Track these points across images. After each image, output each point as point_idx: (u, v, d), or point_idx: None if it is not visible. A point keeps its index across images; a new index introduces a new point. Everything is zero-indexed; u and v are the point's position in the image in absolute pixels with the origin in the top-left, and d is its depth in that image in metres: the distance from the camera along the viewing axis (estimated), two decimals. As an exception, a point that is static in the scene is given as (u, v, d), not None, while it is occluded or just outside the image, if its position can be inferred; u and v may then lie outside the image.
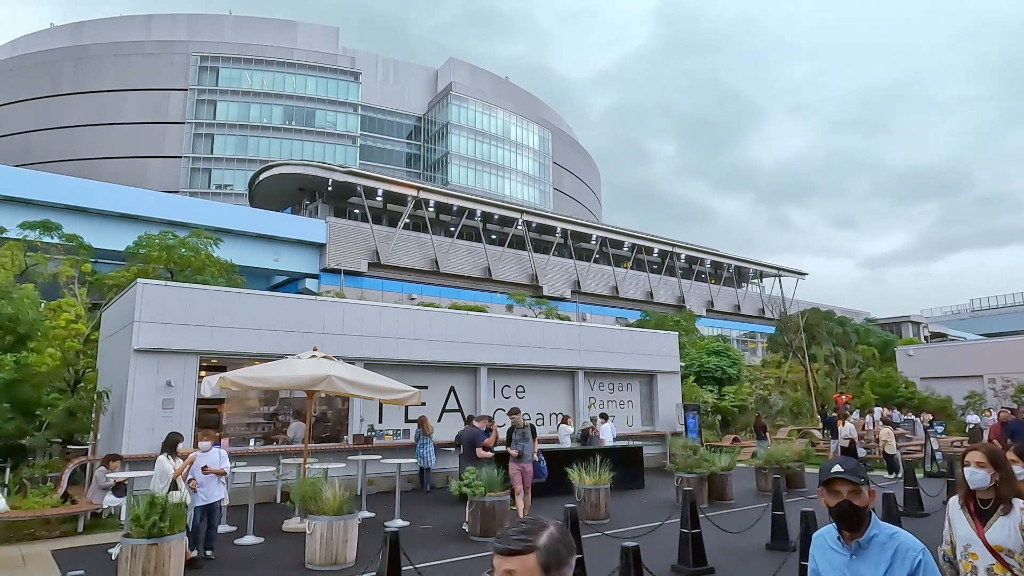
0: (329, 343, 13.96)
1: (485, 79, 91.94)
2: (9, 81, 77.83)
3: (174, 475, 8.90)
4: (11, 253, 23.60)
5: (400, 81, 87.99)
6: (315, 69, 79.48)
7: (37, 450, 16.46)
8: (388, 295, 49.89)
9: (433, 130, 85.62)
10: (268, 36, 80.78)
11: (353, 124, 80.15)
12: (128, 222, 41.15)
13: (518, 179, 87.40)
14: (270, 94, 77.53)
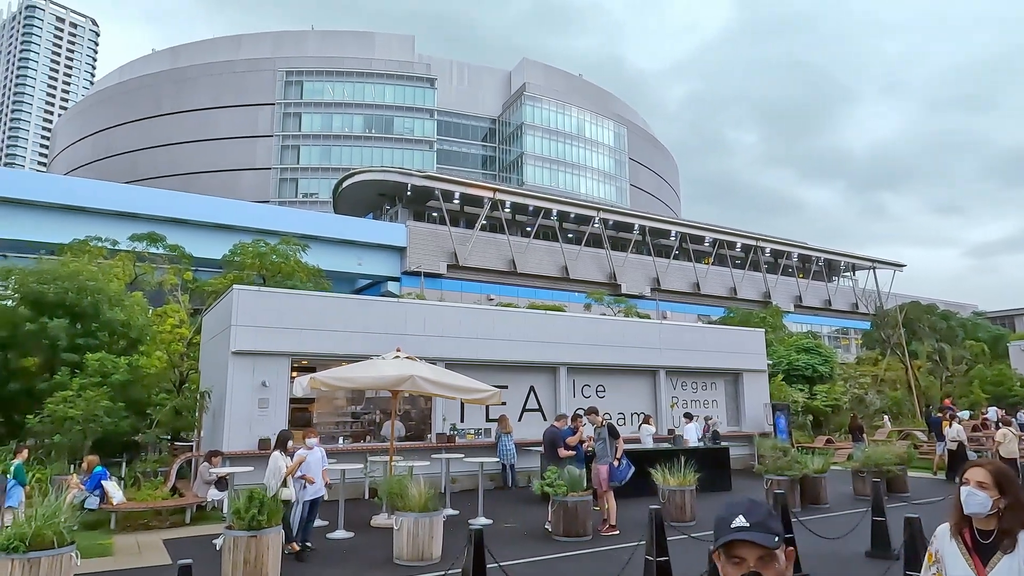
0: (411, 344, 14.29)
1: (558, 78, 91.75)
2: (118, 105, 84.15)
3: (287, 473, 9.22)
4: (123, 264, 25.49)
5: (474, 84, 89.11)
6: (392, 77, 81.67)
7: (148, 446, 17.73)
8: (467, 296, 50.59)
9: (508, 131, 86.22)
10: (348, 48, 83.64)
11: (430, 129, 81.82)
12: (224, 232, 43.59)
13: (594, 177, 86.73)
14: (350, 104, 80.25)
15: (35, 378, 17.94)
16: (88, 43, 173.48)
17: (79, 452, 14.75)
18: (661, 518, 7.56)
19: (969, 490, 2.70)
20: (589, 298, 47.98)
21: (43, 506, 6.98)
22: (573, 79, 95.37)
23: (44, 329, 17.72)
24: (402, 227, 54.16)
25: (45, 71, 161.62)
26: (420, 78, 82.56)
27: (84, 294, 18.93)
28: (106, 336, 19.01)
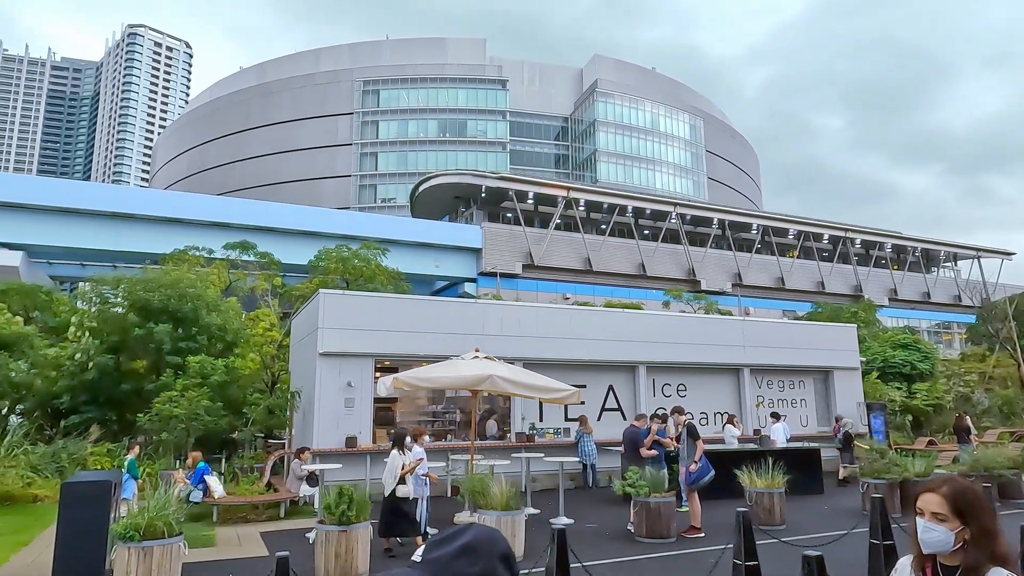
0: (489, 344, 14.44)
1: (630, 72, 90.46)
2: (210, 121, 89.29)
3: (405, 471, 9.36)
4: (218, 271, 27.03)
5: (546, 84, 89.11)
6: (465, 81, 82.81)
7: (244, 443, 18.72)
8: (542, 296, 50.65)
9: (580, 129, 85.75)
10: (421, 55, 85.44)
11: (503, 130, 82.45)
12: (309, 238, 45.43)
13: (669, 171, 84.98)
14: (425, 109, 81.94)
15: (144, 379, 19.30)
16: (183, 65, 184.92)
17: (183, 448, 15.76)
18: (749, 521, 7.33)
19: (924, 524, 2.19)
20: (667, 295, 47.06)
21: (154, 499, 7.51)
22: (646, 73, 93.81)
23: (151, 334, 19.02)
24: (477, 228, 54.82)
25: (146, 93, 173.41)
26: (492, 80, 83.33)
27: (185, 300, 20.19)
28: (205, 340, 20.21)
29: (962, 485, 2.23)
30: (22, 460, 13.97)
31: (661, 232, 59.26)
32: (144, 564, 6.98)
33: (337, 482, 10.61)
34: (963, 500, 2.16)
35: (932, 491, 2.22)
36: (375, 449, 14.40)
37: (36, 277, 42.01)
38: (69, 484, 7.61)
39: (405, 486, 9.29)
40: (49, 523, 10.72)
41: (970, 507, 2.15)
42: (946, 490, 2.19)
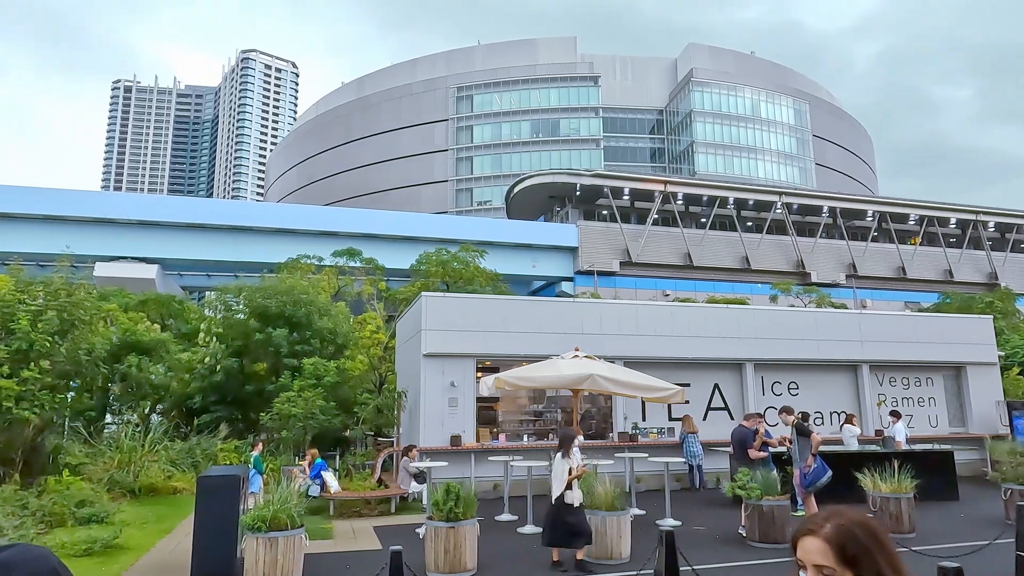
0: (588, 343, 14.34)
1: (728, 59, 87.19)
2: (316, 136, 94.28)
3: (572, 476, 8.69)
4: (327, 278, 28.48)
5: (639, 77, 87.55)
6: (556, 80, 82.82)
7: (356, 441, 19.60)
8: (641, 293, 49.81)
9: (676, 121, 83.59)
10: (512, 58, 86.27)
11: (596, 127, 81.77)
12: (410, 243, 47.01)
13: (773, 159, 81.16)
14: (517, 111, 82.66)
15: (264, 381, 20.63)
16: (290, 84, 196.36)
17: (301, 446, 16.71)
18: (874, 528, 6.84)
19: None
20: (775, 289, 44.95)
21: (277, 493, 8.00)
22: (744, 58, 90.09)
23: (269, 338, 20.32)
24: (573, 227, 54.66)
25: (258, 113, 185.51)
26: (583, 77, 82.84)
27: (299, 306, 21.42)
28: (318, 343, 21.34)
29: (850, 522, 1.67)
30: (163, 455, 15.30)
31: (766, 223, 56.71)
32: (270, 553, 7.46)
33: (443, 480, 10.89)
34: (850, 542, 1.62)
35: (812, 534, 1.68)
36: (479, 448, 14.67)
37: (169, 288, 45.96)
38: (203, 478, 8.25)
39: (572, 492, 8.50)
40: (187, 513, 11.68)
41: (861, 549, 1.62)
42: (829, 531, 1.65)
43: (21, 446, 13.24)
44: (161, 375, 19.84)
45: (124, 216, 46.85)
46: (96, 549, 8.96)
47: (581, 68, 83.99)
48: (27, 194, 45.61)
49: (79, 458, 14.20)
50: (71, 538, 9.16)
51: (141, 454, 14.61)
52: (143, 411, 19.80)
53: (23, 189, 46.37)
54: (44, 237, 42.27)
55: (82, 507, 10.83)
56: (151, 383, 19.40)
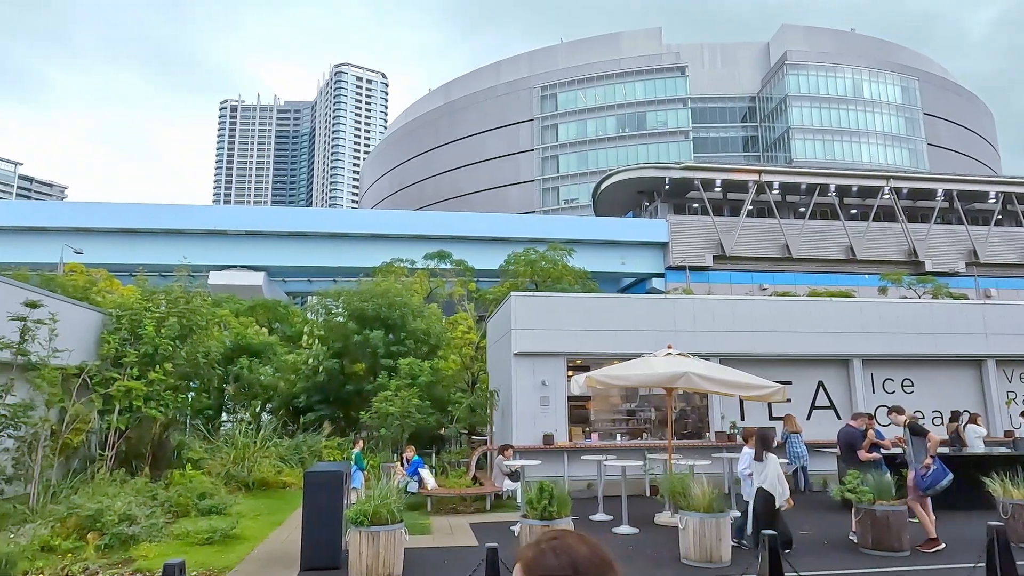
0: (682, 340, 14.00)
1: (824, 38, 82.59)
2: (405, 143, 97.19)
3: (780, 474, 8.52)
4: (420, 280, 29.27)
5: (728, 64, 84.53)
6: (641, 73, 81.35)
7: (451, 439, 20.04)
8: (736, 288, 48.09)
9: (769, 107, 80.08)
10: (596, 53, 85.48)
11: (684, 119, 79.69)
12: (498, 244, 47.54)
13: (877, 142, 76.19)
14: (603, 107, 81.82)
15: (363, 380, 21.45)
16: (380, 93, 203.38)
17: (399, 443, 17.26)
18: (1006, 538, 6.30)
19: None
20: (883, 280, 42.20)
21: (378, 489, 8.30)
22: (843, 36, 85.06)
23: (367, 339, 21.11)
24: (663, 222, 53.51)
25: (352, 124, 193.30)
26: (669, 68, 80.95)
27: (394, 308, 22.13)
28: (412, 343, 21.96)
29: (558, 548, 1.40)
30: (273, 452, 16.23)
31: (872, 210, 53.32)
32: (372, 547, 7.76)
33: (537, 478, 10.94)
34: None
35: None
36: (571, 447, 14.63)
37: (275, 293, 48.71)
38: (310, 473, 8.69)
39: (779, 496, 8.23)
40: (296, 506, 12.33)
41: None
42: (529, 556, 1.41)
43: (150, 442, 14.42)
44: (269, 376, 21.04)
45: (234, 227, 50.09)
46: (216, 538, 9.62)
47: (667, 59, 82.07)
48: (149, 211, 49.64)
49: (199, 453, 15.30)
50: (194, 527, 9.87)
51: (253, 450, 15.55)
52: (254, 410, 21.07)
53: (146, 206, 50.51)
54: (165, 249, 45.88)
55: (203, 499, 11.66)
56: (261, 383, 20.61)
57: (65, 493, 10.93)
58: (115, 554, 8.67)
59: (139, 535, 9.15)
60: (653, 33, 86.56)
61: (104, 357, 13.79)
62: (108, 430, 13.17)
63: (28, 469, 10.89)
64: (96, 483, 11.34)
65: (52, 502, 10.49)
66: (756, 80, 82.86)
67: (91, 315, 14.40)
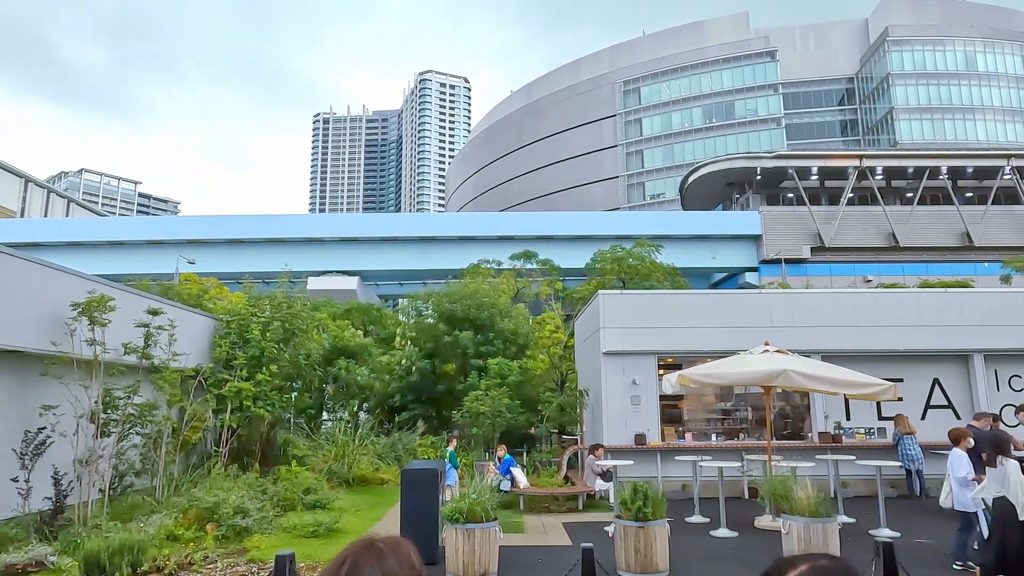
0: (779, 336, 13.41)
1: (931, 9, 76.83)
2: (489, 145, 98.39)
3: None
4: (507, 281, 29.54)
5: (822, 45, 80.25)
6: (728, 61, 78.64)
7: (541, 438, 20.10)
8: (837, 280, 45.60)
9: (869, 88, 75.40)
10: (679, 44, 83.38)
11: (775, 105, 76.37)
12: (583, 242, 47.27)
13: (994, 118, 70.17)
14: (688, 98, 79.70)
15: (454, 380, 21.89)
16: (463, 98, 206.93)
17: (490, 442, 17.48)
18: None
19: None
20: (1006, 268, 38.78)
21: (472, 487, 8.44)
22: (951, 6, 78.81)
23: (457, 340, 21.52)
24: (755, 214, 51.49)
25: (436, 129, 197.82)
26: (758, 54, 77.81)
27: (482, 309, 22.45)
28: (501, 343, 22.20)
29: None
30: (370, 449, 16.85)
31: (991, 192, 49.18)
32: (468, 544, 7.89)
33: (629, 478, 10.78)
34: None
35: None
36: (664, 447, 14.34)
37: (368, 297, 50.54)
38: (407, 471, 8.95)
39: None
40: (393, 502, 12.73)
41: None
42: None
43: (259, 439, 15.31)
44: (365, 376, 21.85)
45: (329, 235, 52.39)
46: (321, 532, 10.09)
47: (755, 44, 78.91)
48: (252, 222, 52.72)
49: (303, 450, 16.10)
50: (300, 521, 10.39)
51: (353, 448, 16.19)
52: (352, 409, 21.95)
53: (249, 218, 53.67)
54: (267, 257, 48.61)
55: (308, 494, 12.25)
56: (358, 384, 21.45)
57: (186, 486, 11.79)
58: (231, 544, 9.25)
59: (251, 527, 9.72)
60: (740, 19, 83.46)
61: (217, 360, 14.75)
62: (222, 428, 14.09)
63: (154, 464, 11.80)
64: (212, 478, 12.15)
65: (175, 495, 11.33)
66: (854, 60, 78.24)
67: (204, 321, 15.44)
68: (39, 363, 9.86)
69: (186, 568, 8.10)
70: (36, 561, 7.91)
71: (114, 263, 47.46)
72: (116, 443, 10.72)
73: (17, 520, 8.96)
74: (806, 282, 41.42)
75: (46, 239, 50.50)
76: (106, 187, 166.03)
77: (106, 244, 51.24)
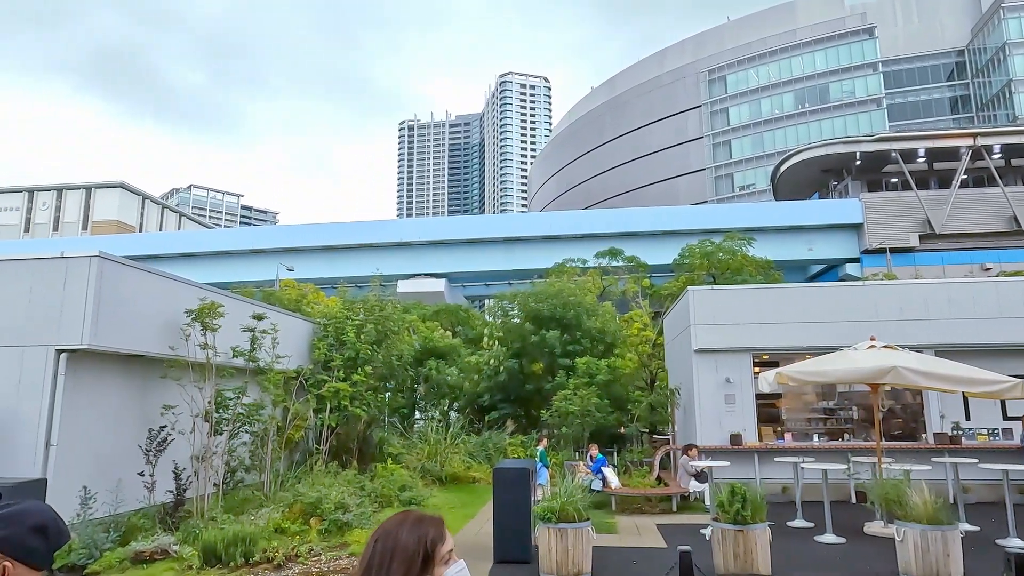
0: (886, 331, 12.59)
1: (1054, -30, 69.89)
2: (571, 143, 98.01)
3: None
4: (592, 279, 29.30)
5: (926, 17, 74.74)
6: (821, 42, 74.70)
7: (632, 438, 19.80)
8: (950, 269, 42.35)
9: (983, 60, 69.53)
10: (767, 27, 79.97)
11: (875, 85, 71.82)
12: (671, 237, 46.18)
13: None
14: (777, 84, 76.35)
15: (541, 380, 21.94)
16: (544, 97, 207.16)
17: (580, 441, 17.39)
18: None
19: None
20: None
21: (563, 486, 8.41)
22: (1079, -36, 71.41)
23: (543, 340, 21.56)
24: (855, 202, 48.64)
25: (518, 130, 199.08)
26: (855, 32, 73.43)
27: (568, 308, 22.38)
28: (588, 342, 22.05)
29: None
30: (461, 448, 17.16)
31: None
32: (561, 543, 7.87)
33: (725, 480, 10.43)
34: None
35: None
36: (762, 447, 13.80)
37: (455, 298, 51.49)
38: (499, 470, 9.03)
39: None
40: (485, 500, 12.90)
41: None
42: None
43: (356, 437, 15.90)
44: (455, 376, 22.27)
45: (417, 238, 53.80)
46: (417, 528, 10.34)
47: (851, 22, 74.51)
48: (345, 228, 54.90)
49: (398, 449, 16.60)
50: (397, 517, 10.70)
51: (444, 447, 16.54)
52: (443, 408, 22.43)
53: (341, 225, 55.91)
54: (359, 262, 50.46)
55: (403, 491, 12.61)
56: (448, 383, 21.89)
57: (290, 482, 12.41)
58: (333, 538, 9.65)
59: (352, 522, 10.10)
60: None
61: (316, 361, 15.45)
62: (322, 427, 14.74)
63: (261, 460, 12.50)
64: (314, 474, 12.74)
65: (281, 490, 11.96)
66: (963, 31, 72.37)
67: (303, 324, 16.21)
68: (159, 366, 10.66)
69: (293, 560, 8.52)
70: (161, 549, 8.55)
71: (221, 272, 50.69)
72: (227, 440, 11.42)
73: (144, 511, 9.72)
74: (915, 272, 38.75)
75: (161, 251, 54.60)
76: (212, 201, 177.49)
77: (213, 254, 54.80)
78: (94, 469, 9.46)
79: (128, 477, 9.72)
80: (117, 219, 79.72)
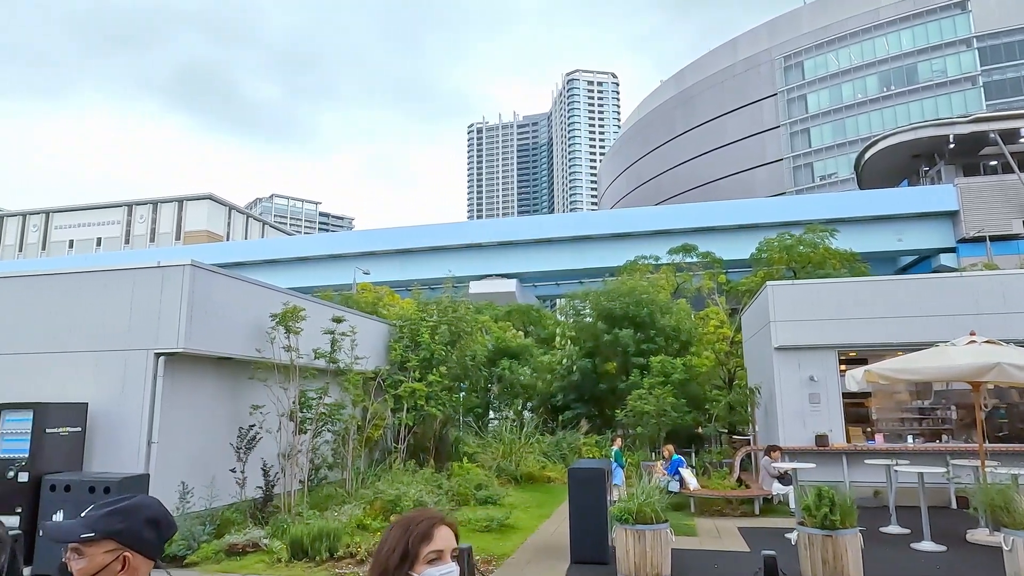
0: (988, 325, 11.76)
1: None
2: (640, 139, 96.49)
3: None
4: (666, 276, 28.74)
5: (1027, -14, 69.27)
6: (907, 19, 70.53)
7: (710, 438, 19.30)
8: (1060, 257, 39.10)
9: (1094, 28, 63.87)
10: (847, 8, 76.16)
11: (968, 63, 67.20)
12: (747, 231, 44.69)
13: None
14: (859, 67, 72.64)
15: (615, 379, 21.71)
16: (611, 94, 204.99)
17: (656, 441, 17.09)
18: None
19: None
20: None
21: (639, 487, 8.28)
22: None
23: (616, 339, 21.32)
24: (949, 187, 45.65)
25: (586, 128, 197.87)
26: (944, 7, 68.94)
27: (641, 306, 22.05)
28: (662, 341, 21.66)
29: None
30: (536, 447, 17.18)
31: None
32: (639, 545, 7.76)
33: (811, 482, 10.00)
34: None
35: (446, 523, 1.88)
36: (851, 449, 13.16)
37: (527, 298, 51.62)
38: (574, 469, 8.99)
39: None
40: (560, 500, 12.87)
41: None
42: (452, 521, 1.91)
43: (432, 437, 16.20)
44: (528, 376, 22.34)
45: (487, 239, 54.29)
46: (493, 527, 10.44)
47: (940, -4, 70.02)
48: (417, 232, 56.06)
49: (473, 448, 16.81)
50: (474, 515, 10.83)
51: (519, 446, 16.61)
52: (517, 408, 22.53)
53: (414, 228, 57.13)
54: (432, 264, 51.41)
55: (479, 490, 12.75)
56: (521, 383, 21.98)
57: (371, 480, 12.77)
58: (412, 535, 9.85)
59: (430, 519, 10.28)
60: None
61: (392, 362, 15.84)
62: (399, 426, 15.10)
63: (343, 458, 12.92)
64: (393, 472, 13.07)
65: (361, 487, 12.32)
66: (1071, -2, 66.69)
67: (380, 326, 16.65)
68: (247, 368, 11.19)
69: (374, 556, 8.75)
70: (252, 542, 8.97)
71: (301, 276, 52.77)
72: (311, 439, 11.87)
73: (236, 506, 10.23)
74: (1019, 261, 36.01)
75: (246, 258, 57.36)
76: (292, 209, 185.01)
77: (294, 260, 57.11)
78: (190, 465, 10.03)
79: (221, 473, 10.25)
80: (207, 229, 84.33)
